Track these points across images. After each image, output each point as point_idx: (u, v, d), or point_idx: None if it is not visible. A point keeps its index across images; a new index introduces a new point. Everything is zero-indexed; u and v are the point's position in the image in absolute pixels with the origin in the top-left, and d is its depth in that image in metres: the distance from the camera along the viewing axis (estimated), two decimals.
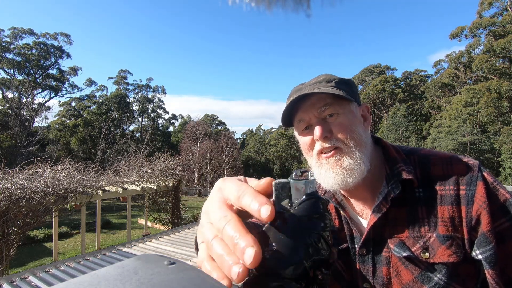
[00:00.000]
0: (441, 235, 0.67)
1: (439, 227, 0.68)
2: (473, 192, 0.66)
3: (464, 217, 0.66)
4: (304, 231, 0.49)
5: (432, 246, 0.67)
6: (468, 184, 0.67)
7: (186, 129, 38.77)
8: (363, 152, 0.73)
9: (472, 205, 0.65)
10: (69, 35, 34.63)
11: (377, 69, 45.29)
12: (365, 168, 0.72)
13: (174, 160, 9.67)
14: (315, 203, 0.55)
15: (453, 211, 0.67)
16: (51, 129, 33.36)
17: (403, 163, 0.73)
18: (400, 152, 0.78)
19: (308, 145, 0.77)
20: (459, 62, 31.27)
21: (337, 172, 0.72)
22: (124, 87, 43.02)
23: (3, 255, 4.95)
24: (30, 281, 2.99)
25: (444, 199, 0.68)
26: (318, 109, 0.74)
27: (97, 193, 7.67)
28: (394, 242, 0.71)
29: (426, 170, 0.72)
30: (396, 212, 0.72)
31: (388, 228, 0.73)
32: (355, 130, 0.73)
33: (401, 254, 0.70)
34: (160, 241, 4.58)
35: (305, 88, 0.76)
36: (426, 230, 0.69)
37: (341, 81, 0.77)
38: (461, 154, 0.73)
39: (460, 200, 0.67)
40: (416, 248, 0.69)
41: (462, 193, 0.67)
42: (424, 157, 0.75)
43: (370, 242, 0.75)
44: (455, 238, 0.66)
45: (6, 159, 9.26)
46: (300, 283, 0.46)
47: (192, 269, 0.29)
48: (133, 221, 13.09)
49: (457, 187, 0.68)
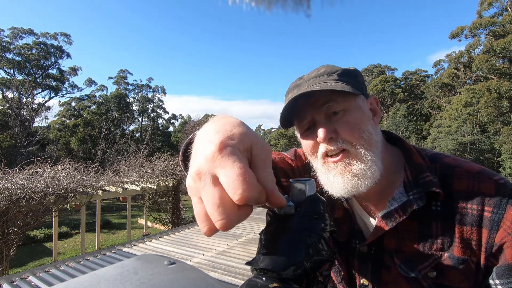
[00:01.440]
0: (456, 257, 0.61)
1: (454, 248, 0.61)
2: (501, 217, 0.58)
3: (484, 242, 0.59)
4: (305, 232, 0.49)
5: (442, 266, 0.61)
6: (496, 207, 0.58)
7: (186, 129, 38.76)
8: (374, 153, 0.65)
9: (497, 230, 0.58)
10: (69, 35, 34.63)
11: (377, 69, 45.29)
12: (378, 172, 0.65)
13: (174, 160, 9.67)
14: (315, 203, 0.55)
15: (471, 232, 0.60)
16: (51, 129, 33.35)
17: (430, 173, 0.65)
18: (425, 159, 0.69)
19: (312, 148, 0.69)
20: (459, 62, 31.27)
21: (347, 178, 0.64)
22: (124, 87, 43.01)
23: (3, 255, 4.95)
24: (30, 281, 2.99)
25: (465, 218, 0.61)
26: (320, 106, 0.65)
27: (97, 193, 7.67)
28: (401, 257, 0.65)
29: (449, 183, 0.64)
30: (408, 223, 0.65)
31: (395, 238, 0.67)
32: (364, 128, 0.65)
33: (409, 274, 0.64)
34: (160, 241, 4.58)
35: (304, 83, 0.68)
36: (439, 248, 0.62)
37: (344, 72, 0.68)
38: (486, 168, 0.63)
39: (482, 222, 0.59)
40: (424, 267, 0.63)
41: (487, 215, 0.59)
42: (448, 167, 0.66)
43: (373, 245, 0.70)
44: (470, 262, 0.60)
45: (6, 159, 9.26)
46: (300, 284, 0.46)
47: (192, 269, 0.29)
48: (133, 221, 13.08)
49: (482, 207, 0.60)
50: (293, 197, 0.56)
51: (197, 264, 3.54)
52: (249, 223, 5.86)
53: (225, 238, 4.71)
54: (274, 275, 0.45)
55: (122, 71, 43.43)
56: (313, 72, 0.70)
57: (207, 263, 3.49)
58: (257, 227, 5.45)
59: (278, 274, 0.45)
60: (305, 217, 0.52)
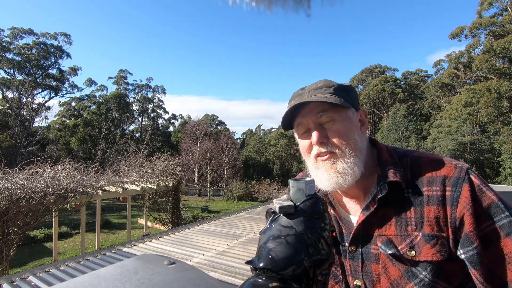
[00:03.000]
0: (427, 234, 0.69)
1: (425, 227, 0.70)
2: (458, 194, 0.68)
3: (449, 218, 0.68)
4: (304, 231, 0.49)
5: (418, 244, 0.70)
6: (454, 186, 0.69)
7: (186, 129, 38.74)
8: (357, 156, 0.77)
9: (456, 206, 0.67)
10: (69, 35, 34.64)
11: (377, 69, 45.29)
12: (359, 172, 0.76)
13: (174, 160, 9.68)
14: (315, 203, 0.55)
15: (438, 211, 0.69)
16: (51, 129, 33.34)
17: (393, 166, 0.77)
18: (394, 155, 0.80)
19: (307, 149, 0.81)
20: (459, 62, 31.26)
21: (332, 174, 0.76)
22: (124, 87, 43.01)
23: (3, 255, 4.95)
24: (30, 281, 2.99)
25: (430, 199, 0.71)
26: (315, 114, 0.78)
27: (97, 193, 7.67)
28: (382, 240, 0.75)
29: (417, 172, 0.75)
30: (385, 211, 0.76)
31: (376, 226, 0.76)
32: (351, 136, 0.77)
33: (387, 251, 0.73)
34: (160, 241, 4.58)
35: (304, 93, 0.80)
36: (413, 229, 0.72)
37: (340, 87, 0.80)
38: (457, 156, 0.71)
39: (445, 201, 0.69)
40: (403, 247, 0.72)
41: (448, 194, 0.69)
42: (416, 159, 0.77)
43: (359, 239, 0.78)
44: (440, 237, 0.69)
45: (6, 159, 9.26)
46: (300, 283, 0.46)
47: (192, 269, 0.29)
48: (133, 221, 13.08)
49: (444, 188, 0.70)
50: (292, 196, 0.56)
51: (197, 264, 3.54)
52: (249, 223, 5.86)
53: (225, 238, 4.71)
54: (274, 274, 0.45)
55: (122, 71, 43.43)
56: (313, 85, 0.82)
57: (207, 263, 3.49)
58: (257, 227, 5.46)
59: (278, 274, 0.45)
60: (305, 217, 0.52)
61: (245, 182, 28.70)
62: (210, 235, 4.92)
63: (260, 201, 26.11)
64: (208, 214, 18.54)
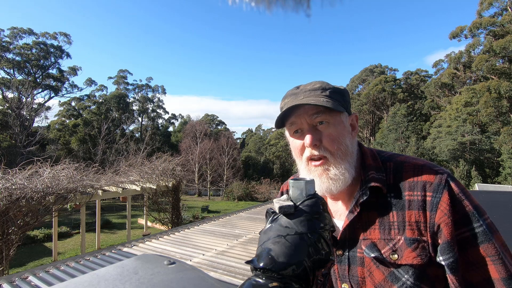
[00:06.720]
0: (408, 238, 0.71)
1: (407, 231, 0.71)
2: (438, 200, 0.69)
3: (428, 222, 0.69)
4: (304, 231, 0.49)
5: (400, 248, 0.71)
6: (435, 191, 0.70)
7: (186, 129, 38.73)
8: (348, 162, 0.78)
9: (435, 211, 0.68)
10: (68, 35, 34.63)
11: (377, 69, 45.27)
12: (349, 177, 0.77)
13: (174, 160, 9.67)
14: (315, 203, 0.55)
15: (419, 215, 0.70)
16: (51, 129, 33.33)
17: (374, 171, 0.78)
18: (377, 159, 0.81)
19: (299, 150, 0.81)
20: (459, 62, 31.27)
21: (324, 180, 0.78)
22: (124, 87, 42.99)
23: (3, 255, 4.95)
24: (30, 281, 2.99)
25: (412, 204, 0.72)
26: (310, 116, 0.78)
27: (97, 193, 7.67)
28: (366, 243, 0.76)
29: (399, 176, 0.76)
30: (370, 215, 0.77)
31: (361, 230, 0.77)
32: (343, 141, 0.78)
33: (370, 255, 0.74)
34: (160, 241, 4.58)
35: (300, 93, 0.80)
36: (396, 233, 0.73)
37: (335, 90, 0.80)
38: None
39: (426, 205, 0.70)
40: (386, 250, 0.73)
41: (428, 199, 0.70)
42: (399, 163, 0.78)
43: (346, 243, 0.79)
44: (421, 241, 0.70)
45: (6, 159, 9.25)
46: (300, 283, 0.46)
47: (192, 269, 0.29)
48: (133, 221, 13.08)
49: (424, 193, 0.71)
50: (292, 196, 0.56)
51: (197, 264, 3.54)
52: (249, 223, 5.86)
53: (225, 238, 4.71)
54: (274, 274, 0.45)
55: (122, 71, 43.40)
56: (308, 85, 0.81)
57: (207, 263, 3.49)
58: (257, 227, 5.45)
59: (278, 274, 0.45)
60: (304, 217, 0.52)
61: (245, 182, 28.71)
62: (210, 235, 4.92)
63: (260, 201, 26.12)
64: (208, 214, 18.54)
